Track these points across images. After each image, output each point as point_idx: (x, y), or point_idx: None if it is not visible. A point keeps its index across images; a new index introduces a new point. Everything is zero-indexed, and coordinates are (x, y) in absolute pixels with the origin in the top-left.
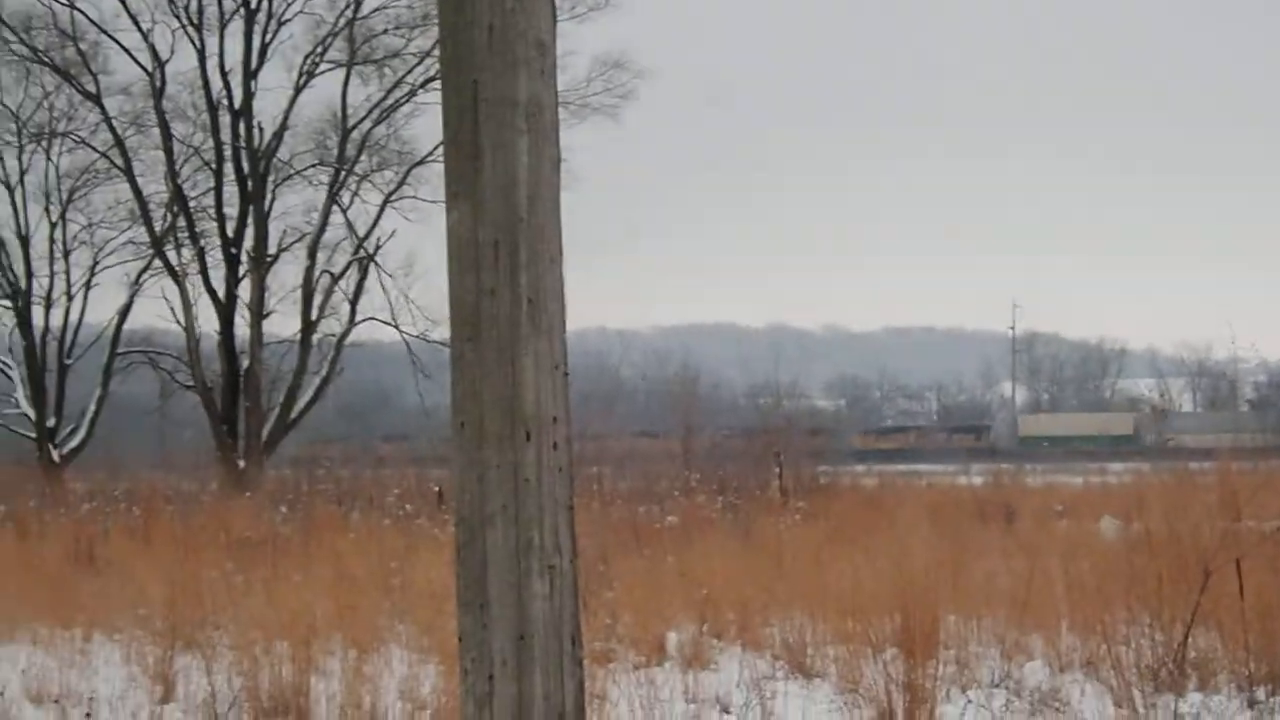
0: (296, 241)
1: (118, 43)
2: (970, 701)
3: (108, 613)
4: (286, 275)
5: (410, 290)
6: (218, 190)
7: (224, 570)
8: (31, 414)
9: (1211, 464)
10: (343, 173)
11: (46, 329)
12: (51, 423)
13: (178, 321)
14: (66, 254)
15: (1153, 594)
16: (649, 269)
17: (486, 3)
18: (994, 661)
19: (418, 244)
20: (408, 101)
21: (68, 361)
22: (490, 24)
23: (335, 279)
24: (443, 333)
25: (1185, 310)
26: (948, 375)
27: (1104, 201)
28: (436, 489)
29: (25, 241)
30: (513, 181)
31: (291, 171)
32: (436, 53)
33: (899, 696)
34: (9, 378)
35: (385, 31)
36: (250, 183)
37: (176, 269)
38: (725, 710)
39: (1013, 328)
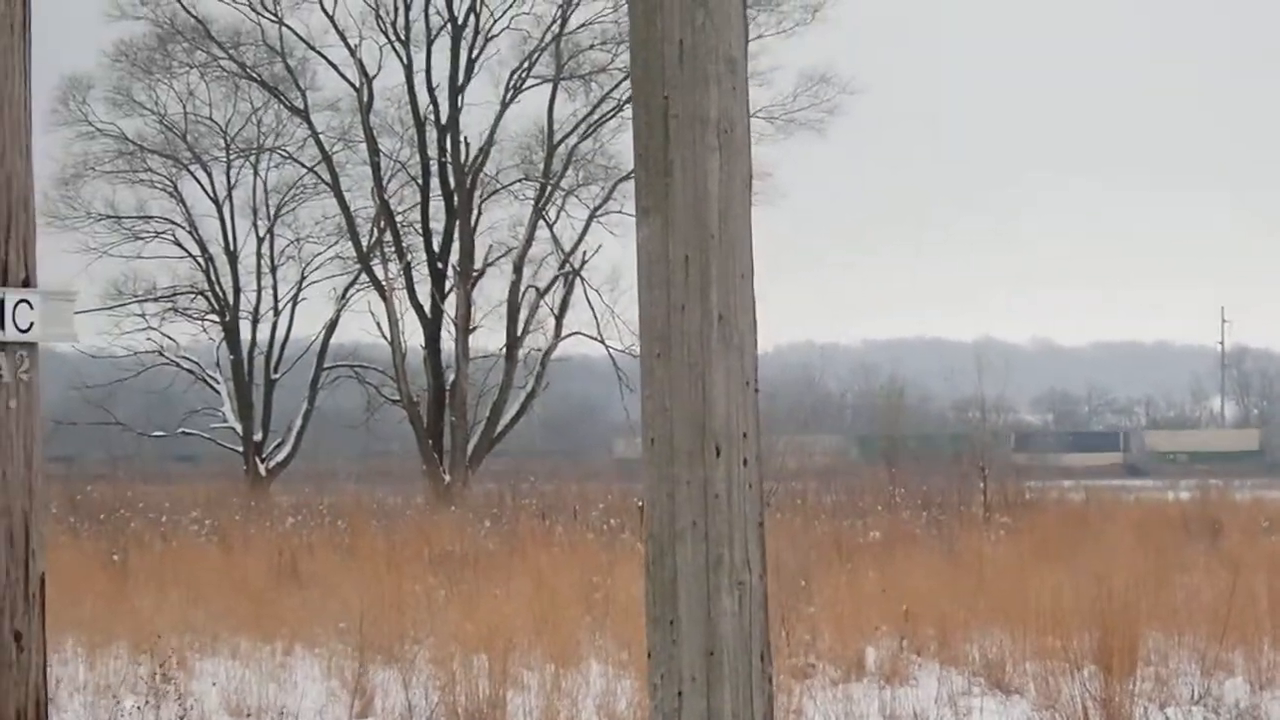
0: (502, 256)
1: (325, 59)
2: (1184, 716)
3: (309, 626)
4: (492, 290)
5: (616, 305)
6: (424, 205)
7: (426, 584)
8: (238, 428)
9: None
10: (549, 187)
11: (254, 344)
12: (258, 437)
13: (383, 336)
14: (274, 269)
15: None
16: (857, 282)
17: (677, 19)
18: (1193, 679)
19: (624, 258)
20: (614, 116)
21: (274, 376)
22: (681, 40)
23: (541, 294)
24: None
25: None
26: (1156, 390)
27: None
28: (639, 503)
29: (233, 257)
30: (704, 198)
31: (498, 186)
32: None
33: (1096, 713)
34: (216, 392)
35: (591, 47)
36: (456, 198)
37: (383, 284)
38: None
39: (1221, 342)
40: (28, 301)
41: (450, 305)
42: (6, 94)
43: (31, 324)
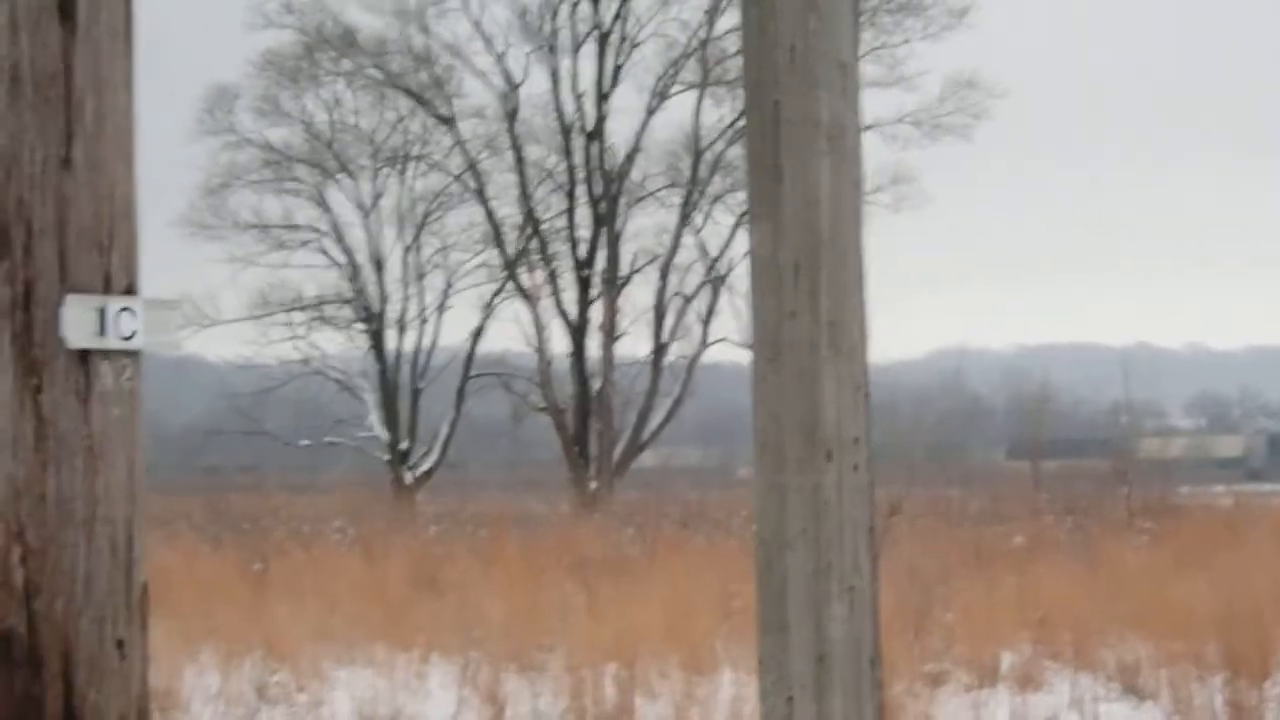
0: (649, 263)
1: (471, 66)
2: None
3: (445, 635)
4: (638, 297)
5: None
6: (570, 212)
7: (563, 591)
8: (384, 437)
9: None
10: (695, 194)
11: (400, 353)
12: (404, 445)
13: (529, 344)
14: (420, 277)
15: None
16: (1011, 286)
17: (789, 24)
18: None
19: None
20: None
21: (420, 385)
22: (792, 45)
23: (687, 300)
24: None
25: None
26: None
27: None
28: None
29: (379, 265)
30: (814, 203)
31: (644, 193)
32: None
33: (1227, 718)
34: (362, 401)
35: (738, 53)
36: (602, 205)
37: (529, 291)
38: None
39: None
40: (130, 309)
41: (596, 312)
42: (110, 103)
43: (134, 332)
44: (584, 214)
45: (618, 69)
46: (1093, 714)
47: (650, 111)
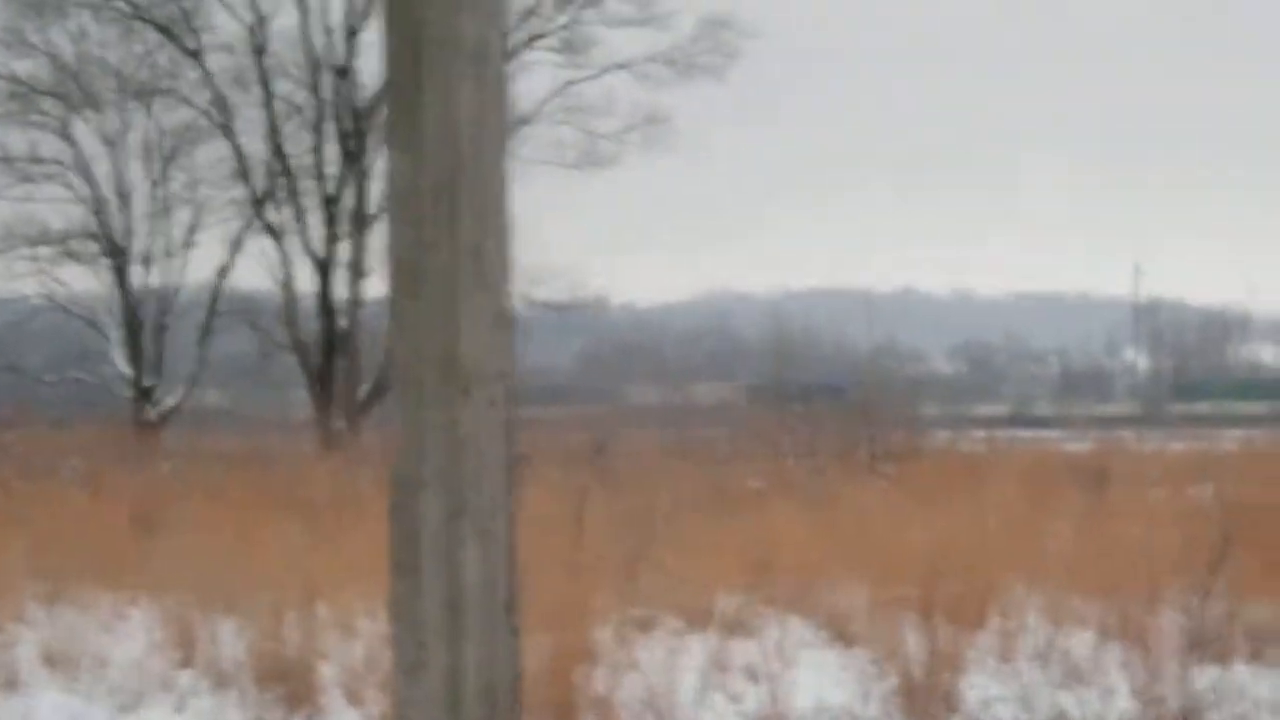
0: None
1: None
2: (1008, 670)
3: (158, 575)
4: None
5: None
6: (318, 149)
7: (289, 530)
8: (129, 373)
9: None
10: None
11: (147, 288)
12: (149, 383)
13: (276, 281)
14: (167, 212)
15: (1218, 563)
16: (776, 231)
17: None
18: (1043, 631)
19: (520, 205)
20: (511, 60)
21: (166, 321)
22: None
23: None
24: (544, 292)
25: None
26: (1073, 341)
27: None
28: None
29: (126, 200)
30: (455, 127)
31: None
32: (542, 11)
33: (928, 666)
34: (107, 337)
35: None
36: (351, 141)
37: (276, 228)
38: (753, 679)
39: (1135, 293)
40: None
41: (344, 250)
42: None
43: None
44: (333, 151)
45: (368, 4)
46: (793, 660)
47: None
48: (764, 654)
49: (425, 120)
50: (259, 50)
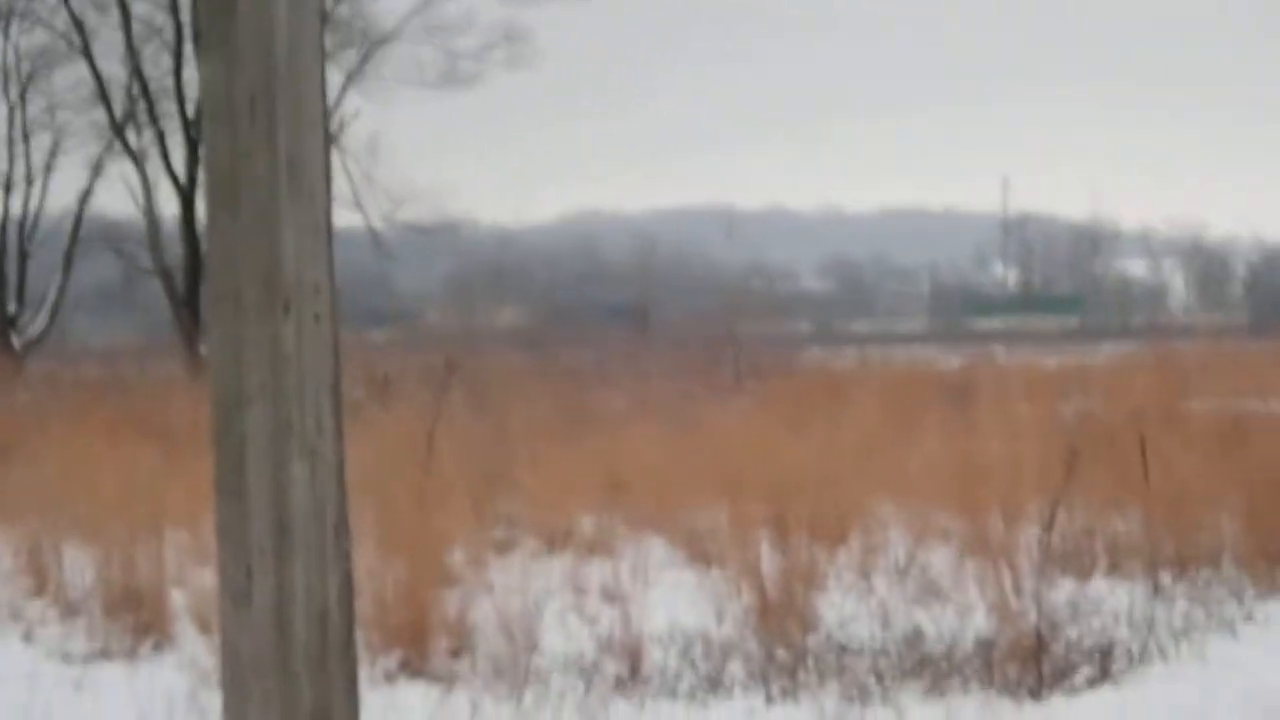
0: None
1: None
2: (866, 588)
3: (9, 504)
4: None
5: (374, 172)
6: (177, 71)
7: (149, 455)
8: None
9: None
10: None
11: (7, 214)
12: (13, 310)
13: (139, 206)
14: (26, 137)
15: (1074, 477)
16: (640, 146)
17: None
18: (903, 548)
19: (383, 126)
20: None
21: (28, 247)
22: None
23: None
24: (408, 214)
25: (1181, 184)
26: (943, 257)
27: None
28: (384, 374)
29: None
30: (269, 32)
31: None
32: None
33: (784, 585)
34: None
35: None
36: None
37: (136, 152)
38: (610, 600)
39: (1002, 207)
40: None
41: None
42: None
43: None
44: (192, 73)
45: None
46: (650, 580)
47: None
48: (621, 574)
49: (238, 26)
50: None
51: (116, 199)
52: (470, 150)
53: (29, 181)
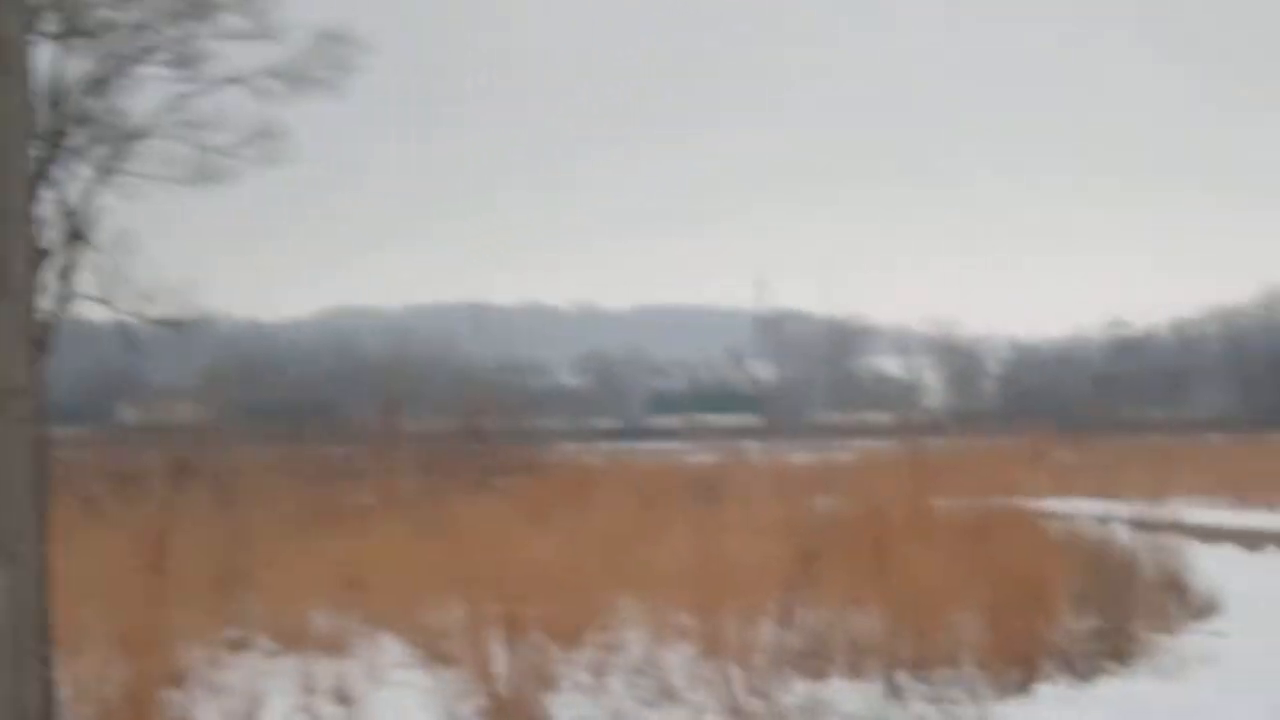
0: None
1: None
2: (599, 690)
3: None
4: None
5: (125, 268)
6: None
7: None
8: None
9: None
10: (54, 147)
11: None
12: None
13: None
14: None
15: (814, 576)
16: (400, 247)
17: None
18: (641, 647)
19: (133, 221)
20: (123, 74)
21: None
22: None
23: (44, 255)
24: (159, 310)
25: (933, 286)
26: (698, 354)
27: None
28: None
29: None
30: None
31: None
32: (154, 24)
33: (518, 685)
34: None
35: (98, 4)
36: None
37: None
38: (340, 701)
39: (758, 304)
40: None
41: None
42: None
43: None
44: None
45: None
46: (383, 679)
47: None
48: (354, 675)
49: None
50: None
51: None
52: (225, 247)
53: None
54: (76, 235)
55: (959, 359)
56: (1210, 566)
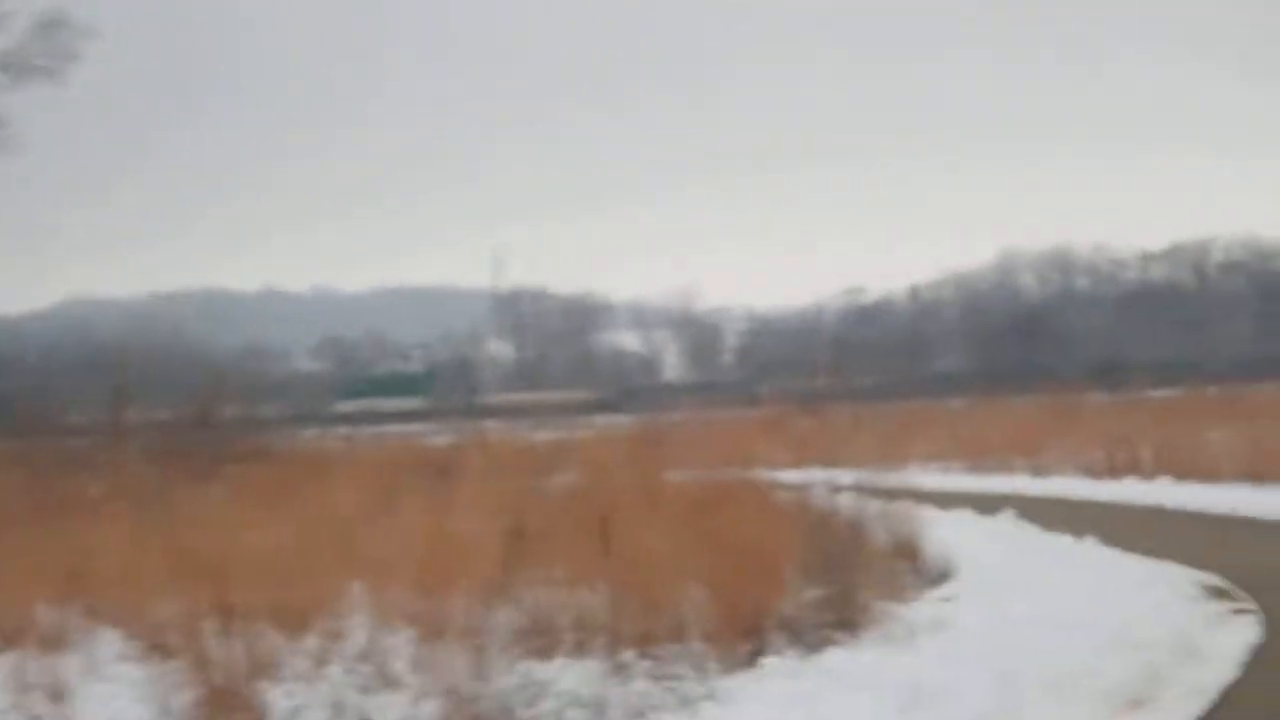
0: None
1: None
2: (319, 678)
3: None
4: None
5: None
6: None
7: None
8: None
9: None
10: None
11: None
12: None
13: None
14: None
15: (536, 555)
16: (130, 233)
17: None
18: (364, 634)
19: None
20: None
21: None
22: None
23: None
24: None
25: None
26: (437, 334)
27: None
28: None
29: None
30: None
31: None
32: None
33: (234, 674)
34: None
35: None
36: None
37: None
38: (55, 698)
39: (495, 283)
40: None
41: None
42: None
43: None
44: None
45: None
46: (103, 674)
47: None
48: (70, 670)
49: None
50: None
51: None
52: None
53: None
54: None
55: (697, 331)
56: (945, 533)
